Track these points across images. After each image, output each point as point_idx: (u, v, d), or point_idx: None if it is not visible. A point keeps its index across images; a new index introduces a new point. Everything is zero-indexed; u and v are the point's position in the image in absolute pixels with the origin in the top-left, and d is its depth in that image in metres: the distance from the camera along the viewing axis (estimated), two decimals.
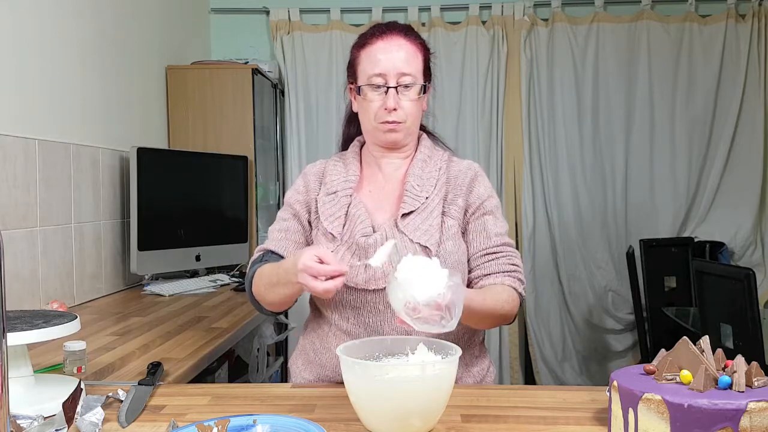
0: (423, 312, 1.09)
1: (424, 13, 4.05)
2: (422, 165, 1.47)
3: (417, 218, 1.40)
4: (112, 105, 2.81)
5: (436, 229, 1.39)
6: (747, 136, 3.97)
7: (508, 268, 1.42)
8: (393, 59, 1.39)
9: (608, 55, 4.01)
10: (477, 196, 1.45)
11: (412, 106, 1.42)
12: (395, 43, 1.41)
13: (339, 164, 1.52)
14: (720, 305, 2.65)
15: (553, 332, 4.09)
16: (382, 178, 1.49)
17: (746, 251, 4.00)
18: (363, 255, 1.37)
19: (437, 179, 1.45)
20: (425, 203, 1.41)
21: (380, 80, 1.40)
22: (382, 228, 1.40)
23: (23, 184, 2.14)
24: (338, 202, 1.44)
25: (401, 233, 1.38)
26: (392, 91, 1.39)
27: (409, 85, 1.40)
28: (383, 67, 1.39)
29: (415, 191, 1.42)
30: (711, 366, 0.94)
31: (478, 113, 4.01)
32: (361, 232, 1.39)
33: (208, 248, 3.13)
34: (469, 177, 1.46)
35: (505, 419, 1.17)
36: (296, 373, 1.50)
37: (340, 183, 1.47)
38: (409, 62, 1.40)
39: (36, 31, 2.25)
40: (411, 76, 1.40)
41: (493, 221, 1.45)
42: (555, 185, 4.05)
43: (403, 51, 1.40)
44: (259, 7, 4.07)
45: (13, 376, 1.19)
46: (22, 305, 2.08)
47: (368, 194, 1.48)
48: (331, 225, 1.42)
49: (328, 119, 3.99)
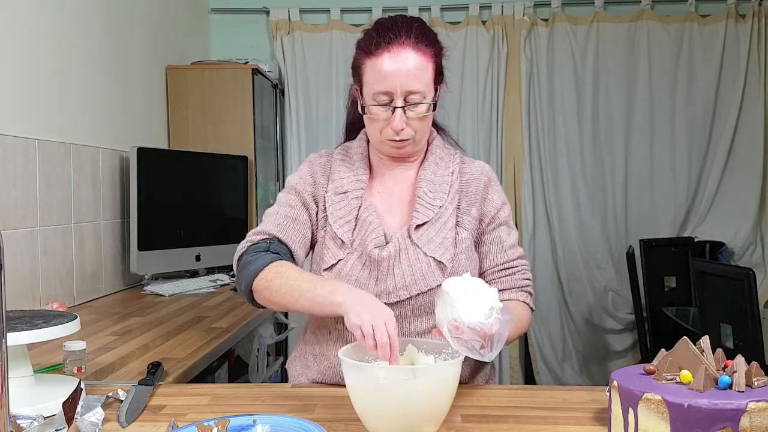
0: (466, 334, 1.08)
1: (424, 13, 4.05)
2: (434, 168, 1.42)
3: (431, 229, 1.36)
4: (112, 105, 2.81)
5: (450, 242, 1.35)
6: (747, 136, 3.97)
7: (522, 284, 1.43)
8: (400, 76, 1.28)
9: (608, 55, 4.01)
10: (492, 206, 1.42)
11: (420, 123, 1.34)
12: (403, 56, 1.29)
13: (346, 162, 1.44)
14: (720, 305, 2.65)
15: (553, 332, 4.09)
16: (392, 178, 1.44)
17: (746, 251, 4.00)
18: (375, 268, 1.33)
19: (450, 185, 1.40)
20: (439, 213, 1.37)
21: (386, 98, 1.31)
22: (395, 239, 1.35)
23: (23, 184, 2.14)
24: (348, 204, 1.38)
25: (414, 245, 1.34)
26: (399, 112, 1.30)
27: (417, 103, 1.31)
28: (389, 85, 1.29)
29: (428, 198, 1.38)
30: (711, 366, 0.94)
31: (478, 113, 4.01)
32: (374, 243, 1.34)
33: (208, 248, 3.13)
34: (482, 183, 1.42)
35: (505, 419, 1.17)
36: (294, 377, 1.48)
37: (350, 183, 1.40)
38: (419, 77, 1.30)
39: (36, 31, 2.25)
40: (419, 93, 1.30)
41: (507, 232, 1.43)
42: (555, 185, 4.05)
43: (411, 64, 1.29)
44: (259, 7, 4.07)
45: (13, 376, 1.19)
46: (22, 305, 2.08)
47: (378, 196, 1.42)
48: (341, 229, 1.36)
49: (328, 119, 3.99)
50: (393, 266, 1.32)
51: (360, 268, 1.34)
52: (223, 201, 3.32)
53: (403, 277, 1.32)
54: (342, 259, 1.35)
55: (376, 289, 1.32)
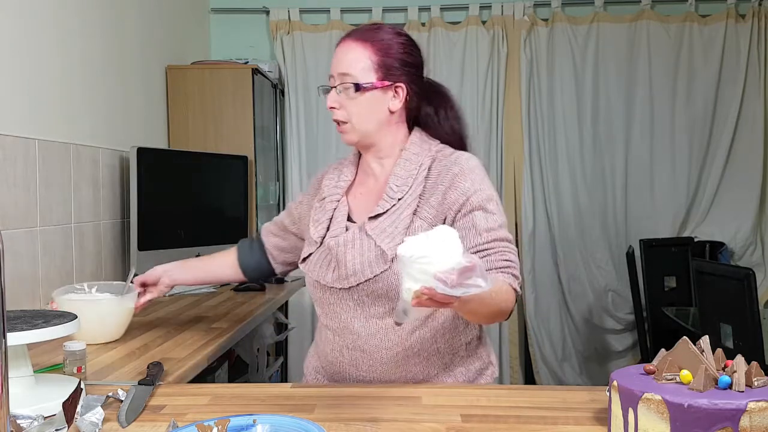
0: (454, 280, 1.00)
1: (424, 12, 4.05)
2: (405, 164, 1.44)
3: (386, 220, 1.40)
4: (112, 105, 2.81)
5: (400, 231, 1.37)
6: (747, 136, 3.97)
7: (500, 264, 1.35)
8: (338, 61, 1.44)
9: (608, 55, 4.01)
10: (461, 193, 1.37)
11: (354, 105, 1.42)
12: (344, 47, 1.44)
13: (338, 168, 1.57)
14: (720, 305, 2.65)
15: (553, 332, 4.09)
16: (373, 179, 1.51)
17: (746, 251, 4.00)
18: (333, 257, 1.42)
19: (415, 177, 1.42)
20: (398, 205, 1.41)
21: (330, 82, 1.45)
22: (351, 230, 1.43)
23: (23, 184, 2.14)
24: (323, 207, 1.51)
25: (368, 237, 1.39)
26: (332, 92, 1.44)
27: (347, 84, 1.41)
28: (331, 69, 1.45)
29: (392, 192, 1.42)
30: (711, 366, 0.94)
31: (478, 113, 4.01)
32: (334, 234, 1.45)
33: (208, 248, 3.12)
34: (452, 173, 1.39)
35: (505, 419, 1.17)
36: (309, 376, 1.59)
37: (330, 189, 1.53)
38: (352, 64, 1.41)
39: (36, 31, 2.25)
40: (350, 76, 1.41)
41: (483, 216, 1.37)
42: (555, 185, 4.05)
43: (351, 53, 1.43)
44: (259, 7, 4.07)
45: (13, 376, 1.19)
46: (22, 305, 2.08)
47: (358, 196, 1.51)
48: (315, 230, 1.49)
49: (328, 119, 3.93)
50: (346, 254, 1.40)
51: (323, 259, 1.45)
52: (223, 201, 3.32)
53: (353, 264, 1.38)
54: (313, 253, 1.48)
55: (333, 275, 1.41)
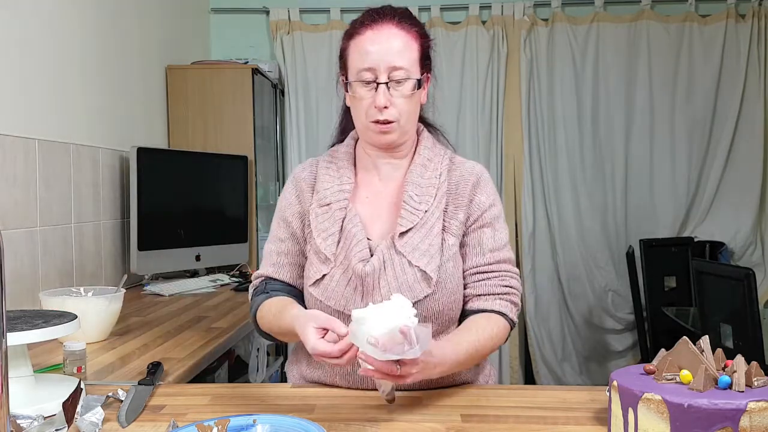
0: (386, 344, 1.03)
1: (424, 12, 4.05)
2: (421, 170, 1.36)
3: (415, 236, 1.29)
4: (112, 105, 2.81)
5: (436, 250, 1.29)
6: (747, 136, 3.97)
7: (500, 291, 1.32)
8: (383, 51, 1.26)
9: (608, 55, 4.01)
10: (478, 206, 1.34)
11: (405, 103, 1.29)
12: (386, 33, 1.27)
13: (332, 168, 1.40)
14: (720, 305, 2.65)
15: (553, 332, 4.09)
16: (379, 180, 1.39)
17: (746, 251, 4.00)
18: (360, 283, 1.28)
19: (437, 188, 1.34)
20: (424, 218, 1.31)
21: (370, 75, 1.27)
22: (379, 251, 1.29)
23: (23, 184, 2.14)
24: (332, 216, 1.33)
25: (399, 254, 1.28)
26: (382, 88, 1.26)
27: (401, 80, 1.27)
28: (372, 61, 1.26)
29: (414, 203, 1.31)
30: (711, 366, 0.94)
31: (478, 113, 4.01)
32: (358, 257, 1.28)
33: (208, 248, 3.13)
34: (470, 185, 1.35)
35: (505, 419, 1.16)
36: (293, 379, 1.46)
37: (334, 193, 1.35)
38: (402, 54, 1.27)
39: (36, 31, 2.25)
40: (404, 69, 1.27)
41: (491, 234, 1.34)
42: (555, 185, 4.05)
43: (396, 41, 1.27)
44: (259, 7, 4.07)
45: (13, 376, 1.19)
46: (22, 305, 2.08)
47: (365, 201, 1.38)
48: (325, 243, 1.32)
49: (328, 119, 3.98)
50: (378, 279, 1.27)
51: (345, 284, 1.29)
52: (223, 201, 3.32)
53: (389, 290, 1.26)
54: (327, 274, 1.31)
55: (362, 304, 1.27)
